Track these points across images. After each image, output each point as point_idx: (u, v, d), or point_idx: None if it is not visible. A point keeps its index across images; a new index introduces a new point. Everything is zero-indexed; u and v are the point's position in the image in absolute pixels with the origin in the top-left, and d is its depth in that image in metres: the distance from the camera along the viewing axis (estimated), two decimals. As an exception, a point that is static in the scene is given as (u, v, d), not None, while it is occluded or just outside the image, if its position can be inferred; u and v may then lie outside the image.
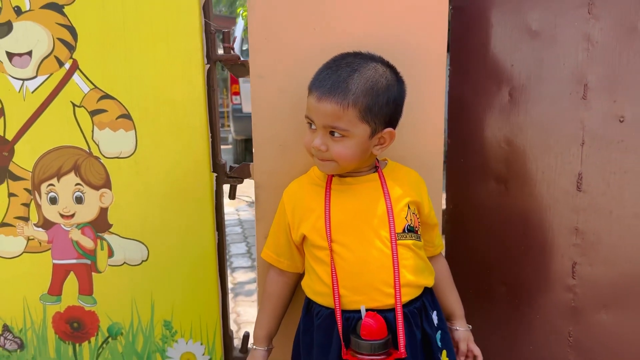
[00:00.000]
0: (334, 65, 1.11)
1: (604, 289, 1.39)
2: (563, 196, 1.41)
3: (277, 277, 1.27)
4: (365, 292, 1.11)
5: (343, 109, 1.05)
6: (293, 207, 1.20)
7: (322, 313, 1.15)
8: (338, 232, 1.13)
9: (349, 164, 1.12)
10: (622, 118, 1.31)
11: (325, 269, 1.13)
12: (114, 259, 1.49)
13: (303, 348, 1.20)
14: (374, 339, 1.04)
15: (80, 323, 1.53)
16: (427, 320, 1.17)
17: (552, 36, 1.36)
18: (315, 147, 1.09)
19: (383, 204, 1.14)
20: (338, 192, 1.17)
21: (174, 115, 1.41)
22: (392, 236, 1.12)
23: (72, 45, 1.38)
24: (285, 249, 1.24)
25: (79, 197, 1.45)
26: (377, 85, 1.08)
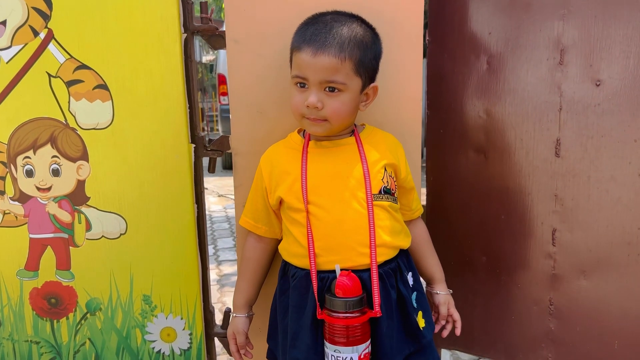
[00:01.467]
0: (321, 21, 1.10)
1: (583, 254, 1.39)
2: (542, 163, 1.41)
3: (255, 243, 1.26)
4: (340, 252, 1.10)
5: (341, 62, 1.06)
6: (270, 172, 1.20)
7: (298, 274, 1.14)
8: (314, 194, 1.13)
9: (342, 121, 1.12)
10: (598, 82, 1.31)
11: (301, 230, 1.13)
12: (92, 233, 1.47)
13: (279, 310, 1.20)
14: (347, 296, 1.04)
15: (58, 299, 1.51)
16: (402, 280, 1.16)
17: (528, 2, 1.36)
18: (311, 104, 1.07)
19: (359, 166, 1.14)
20: (315, 156, 1.16)
21: (151, 85, 1.40)
22: (368, 197, 1.11)
23: (47, 15, 1.37)
24: (263, 214, 1.23)
25: (55, 170, 1.44)
26: (365, 39, 1.10)
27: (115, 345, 1.53)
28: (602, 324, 1.40)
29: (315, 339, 1.09)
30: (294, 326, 1.13)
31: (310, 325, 1.09)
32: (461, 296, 1.54)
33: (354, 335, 1.03)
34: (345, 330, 1.03)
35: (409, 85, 1.34)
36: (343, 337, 1.03)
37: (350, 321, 1.03)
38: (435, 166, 1.58)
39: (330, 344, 1.04)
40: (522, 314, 1.50)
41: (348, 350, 1.03)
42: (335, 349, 1.03)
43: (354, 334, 1.03)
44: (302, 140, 1.19)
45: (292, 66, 1.12)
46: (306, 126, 1.15)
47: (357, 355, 1.03)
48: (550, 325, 1.46)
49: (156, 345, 1.53)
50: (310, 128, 1.14)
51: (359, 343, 1.04)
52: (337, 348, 1.03)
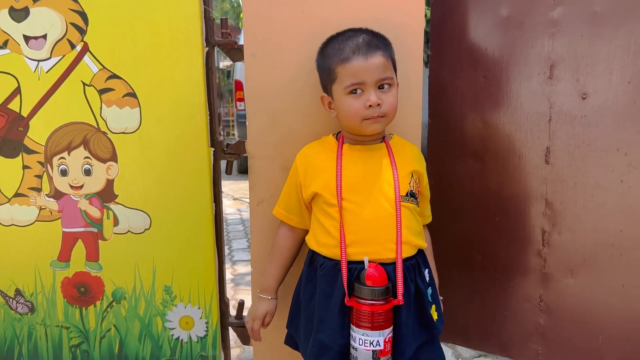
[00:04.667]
0: (348, 37, 1.25)
1: (571, 254, 1.50)
2: (533, 169, 1.52)
3: (287, 232, 1.38)
4: (369, 245, 1.22)
5: (386, 59, 1.22)
6: (305, 168, 1.32)
7: (326, 264, 1.25)
8: (348, 191, 1.25)
9: (394, 114, 1.27)
10: (584, 95, 1.43)
11: (333, 223, 1.24)
12: (119, 228, 1.61)
13: (304, 298, 1.31)
14: (376, 285, 1.16)
15: (87, 288, 1.65)
16: (420, 276, 1.28)
17: (520, 22, 1.49)
18: (374, 102, 1.20)
19: (390, 169, 1.26)
20: (349, 157, 1.29)
21: (176, 94, 1.54)
22: (397, 198, 1.24)
23: (84, 29, 1.51)
24: (296, 207, 1.35)
25: (87, 170, 1.58)
26: (385, 41, 1.27)
27: (137, 331, 1.66)
28: (587, 319, 1.50)
29: (342, 324, 1.20)
30: (321, 312, 1.24)
31: (338, 311, 1.21)
32: (458, 292, 1.66)
33: (379, 321, 1.15)
34: (371, 315, 1.14)
35: (410, 94, 1.46)
36: (369, 322, 1.15)
37: (376, 307, 1.15)
38: (436, 171, 1.69)
39: (358, 328, 1.16)
40: (514, 309, 1.61)
41: (375, 334, 1.15)
42: (363, 333, 1.15)
43: (379, 319, 1.15)
44: (337, 143, 1.31)
45: (340, 78, 1.23)
46: (366, 127, 1.25)
47: (383, 339, 1.15)
48: (540, 320, 1.57)
49: (175, 333, 1.66)
50: (370, 127, 1.25)
51: (384, 328, 1.15)
52: (365, 332, 1.15)
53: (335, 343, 1.20)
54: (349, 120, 1.26)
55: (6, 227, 1.61)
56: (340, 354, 1.20)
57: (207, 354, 1.67)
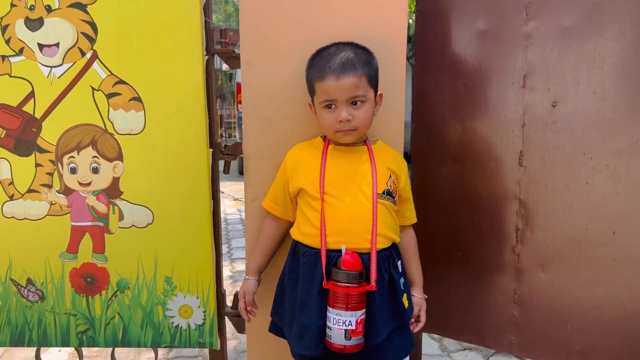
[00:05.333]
0: (330, 53, 1.37)
1: (542, 251, 1.62)
2: (508, 171, 1.64)
3: (272, 222, 1.54)
4: (346, 235, 1.35)
5: (359, 79, 1.33)
6: (293, 165, 1.46)
7: (308, 252, 1.39)
8: (330, 187, 1.38)
9: (366, 127, 1.40)
10: (554, 103, 1.55)
11: (316, 215, 1.38)
12: (124, 222, 1.73)
13: (288, 286, 1.44)
14: (351, 270, 1.28)
15: (94, 278, 1.77)
16: (393, 266, 1.41)
17: (497, 35, 1.61)
18: (344, 119, 1.34)
19: (369, 169, 1.40)
20: (333, 157, 1.42)
21: (178, 98, 1.66)
22: (374, 194, 1.37)
23: (93, 38, 1.64)
24: (281, 199, 1.49)
25: (95, 168, 1.70)
26: (367, 57, 1.38)
27: (140, 319, 1.79)
28: (556, 311, 1.62)
29: (320, 307, 1.33)
30: (303, 296, 1.37)
31: (317, 294, 1.34)
32: (439, 285, 1.78)
33: (352, 302, 1.28)
34: (346, 297, 1.27)
35: (393, 101, 1.58)
36: (343, 304, 1.28)
37: (350, 290, 1.28)
38: (419, 173, 1.82)
39: (333, 309, 1.29)
40: (490, 302, 1.73)
41: (348, 315, 1.28)
42: (337, 313, 1.28)
43: (353, 301, 1.28)
44: (323, 144, 1.45)
45: (317, 93, 1.37)
46: (339, 138, 1.40)
47: (355, 320, 1.28)
48: (514, 312, 1.69)
49: (175, 320, 1.78)
50: (343, 139, 1.39)
51: (356, 309, 1.28)
52: (339, 312, 1.28)
53: (314, 324, 1.32)
54: (325, 130, 1.41)
55: (19, 220, 1.74)
56: (318, 334, 1.33)
57: (204, 340, 1.79)
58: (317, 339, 1.34)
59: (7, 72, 1.66)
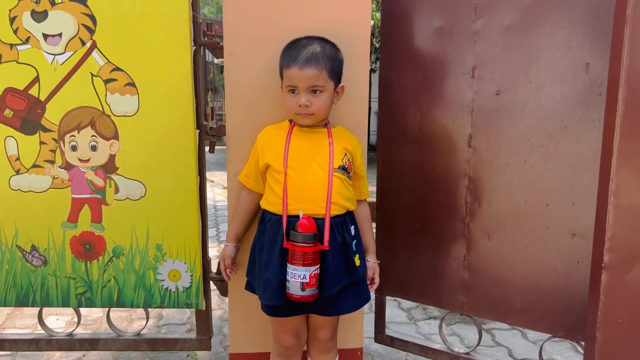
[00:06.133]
0: (300, 45, 1.58)
1: (487, 221, 1.85)
2: (459, 152, 1.87)
3: (246, 194, 1.76)
4: (305, 203, 1.57)
5: (320, 71, 1.54)
6: (262, 144, 1.68)
7: (272, 218, 1.61)
8: (292, 162, 1.60)
9: (324, 113, 1.61)
10: (498, 92, 1.77)
11: (279, 186, 1.59)
12: (119, 195, 1.94)
13: (258, 248, 1.66)
14: (306, 232, 1.50)
15: (92, 245, 1.97)
16: (346, 230, 1.63)
17: (450, 31, 1.83)
18: (302, 104, 1.55)
19: (327, 147, 1.61)
20: (296, 137, 1.64)
21: (168, 84, 1.86)
22: (330, 168, 1.59)
23: (93, 30, 1.84)
24: (253, 173, 1.71)
25: (93, 146, 1.90)
26: (332, 53, 1.59)
27: (133, 282, 2.00)
28: (500, 274, 1.85)
29: (281, 263, 1.55)
30: (267, 255, 1.59)
31: (279, 254, 1.56)
32: (401, 254, 2.01)
33: (307, 259, 1.50)
34: (302, 255, 1.49)
35: (359, 89, 1.80)
36: (300, 260, 1.50)
37: (305, 249, 1.49)
38: (383, 154, 2.04)
39: (291, 265, 1.51)
40: (444, 267, 1.96)
41: (303, 270, 1.50)
42: (294, 268, 1.50)
43: (308, 258, 1.50)
44: (289, 126, 1.66)
45: (284, 79, 1.59)
46: (299, 120, 1.61)
47: (309, 274, 1.50)
48: (464, 276, 1.92)
49: (165, 284, 2.00)
50: (301, 121, 1.61)
51: (310, 265, 1.50)
52: (296, 267, 1.50)
53: (276, 278, 1.55)
54: (287, 111, 1.62)
55: (25, 193, 1.94)
56: (279, 287, 1.55)
57: (191, 301, 2.01)
58: (278, 290, 1.56)
59: (14, 59, 1.86)
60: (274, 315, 1.62)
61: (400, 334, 2.16)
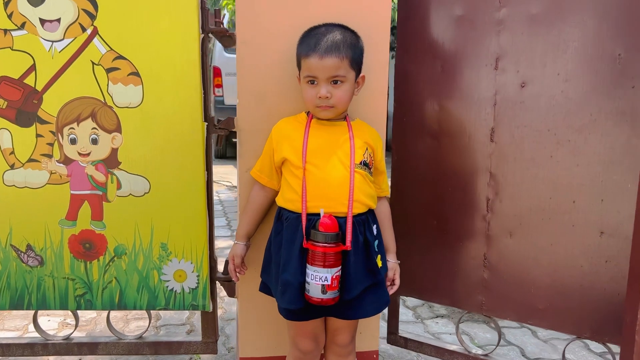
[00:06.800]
0: (319, 33, 1.49)
1: (510, 218, 1.78)
2: (480, 146, 1.79)
3: (259, 190, 1.66)
4: (325, 200, 1.48)
5: (341, 60, 1.45)
6: (278, 137, 1.58)
7: (290, 217, 1.51)
8: (311, 156, 1.51)
9: (344, 105, 1.52)
10: (523, 84, 1.70)
11: (298, 182, 1.50)
12: (122, 191, 1.83)
13: (274, 247, 1.57)
14: (327, 231, 1.41)
15: (92, 244, 1.86)
16: (368, 230, 1.54)
17: (472, 20, 1.75)
18: (322, 95, 1.46)
19: (348, 142, 1.53)
20: (315, 130, 1.55)
21: (174, 74, 1.76)
22: (351, 164, 1.50)
23: (94, 15, 1.72)
24: (267, 168, 1.62)
25: (94, 139, 1.79)
26: (353, 41, 1.50)
27: (136, 283, 1.89)
28: (522, 274, 1.78)
29: (301, 264, 1.46)
30: (285, 256, 1.50)
31: (298, 254, 1.47)
32: (416, 252, 1.93)
33: (328, 260, 1.41)
34: (324, 256, 1.40)
35: (377, 81, 1.72)
36: (321, 261, 1.41)
37: (327, 249, 1.40)
38: (399, 148, 1.96)
39: (311, 266, 1.42)
40: (463, 266, 1.89)
41: (324, 271, 1.41)
42: (315, 270, 1.41)
43: (329, 259, 1.41)
44: (307, 118, 1.57)
45: (302, 69, 1.50)
46: (318, 113, 1.52)
47: (330, 276, 1.41)
48: (484, 275, 1.85)
49: (170, 284, 1.90)
50: (321, 114, 1.52)
51: (332, 267, 1.41)
52: (317, 269, 1.41)
53: (295, 280, 1.46)
54: (306, 103, 1.54)
55: (20, 188, 1.82)
56: (299, 289, 1.46)
57: (197, 303, 1.91)
58: (298, 293, 1.47)
59: (9, 46, 1.73)
60: (292, 319, 1.53)
61: (413, 335, 2.08)
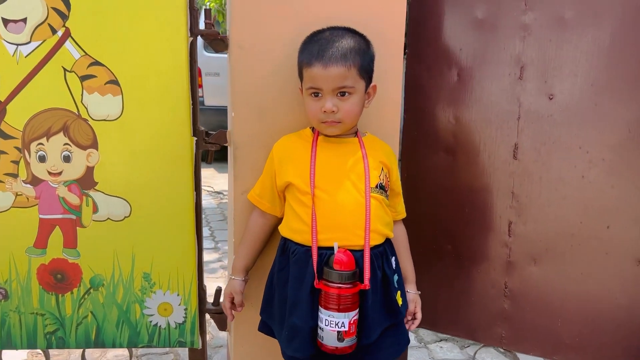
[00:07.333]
0: (323, 38, 1.30)
1: (535, 244, 1.61)
2: (501, 164, 1.62)
3: (258, 217, 1.45)
4: (339, 232, 1.28)
5: (348, 69, 1.26)
6: (280, 158, 1.38)
7: (298, 250, 1.31)
8: (320, 180, 1.31)
9: (353, 120, 1.33)
10: (551, 96, 1.53)
11: (306, 210, 1.30)
12: (98, 215, 1.61)
13: (278, 284, 1.37)
14: (343, 270, 1.22)
15: (64, 275, 1.64)
16: (387, 263, 1.35)
17: (494, 24, 1.58)
18: (328, 109, 1.27)
19: (361, 162, 1.34)
20: (323, 149, 1.35)
21: (159, 82, 1.55)
22: (367, 188, 1.31)
23: (65, 14, 1.50)
24: (268, 192, 1.41)
25: (67, 156, 1.57)
26: (362, 47, 1.31)
27: (115, 318, 1.67)
28: (548, 304, 1.62)
29: (312, 307, 1.26)
30: (293, 296, 1.30)
31: (308, 294, 1.27)
32: (428, 279, 1.75)
33: (345, 304, 1.21)
34: (338, 298, 1.21)
35: (390, 90, 1.53)
36: (336, 305, 1.21)
37: (343, 291, 1.21)
38: (409, 163, 1.78)
39: (325, 309, 1.22)
40: (480, 295, 1.71)
41: (341, 316, 1.21)
42: (329, 314, 1.21)
43: (345, 302, 1.21)
44: (312, 135, 1.37)
45: (305, 79, 1.30)
46: (323, 129, 1.33)
47: (348, 321, 1.22)
48: (504, 305, 1.68)
49: (154, 319, 1.68)
50: (327, 130, 1.33)
51: (349, 310, 1.22)
52: (331, 313, 1.21)
53: (306, 324, 1.26)
54: (310, 118, 1.34)
55: (-20, 213, 1.59)
56: (310, 335, 1.27)
57: (185, 339, 1.70)
58: (308, 340, 1.28)
59: (-35, 49, 1.50)
60: (300, 369, 1.33)
61: (422, 367, 1.90)
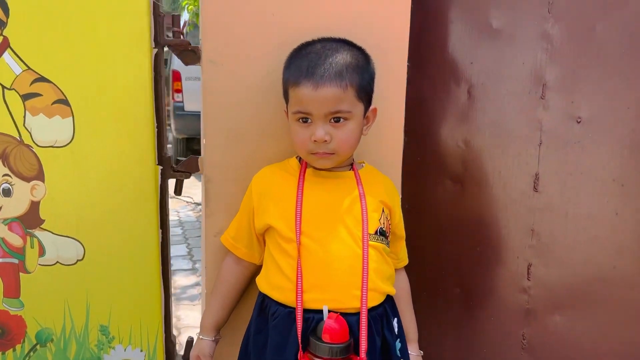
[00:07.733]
0: (313, 52, 1.07)
1: (559, 290, 1.39)
2: (519, 197, 1.40)
3: (233, 264, 1.21)
4: (330, 292, 1.05)
5: (343, 90, 1.03)
6: (260, 193, 1.14)
7: (279, 312, 1.07)
8: (308, 225, 1.08)
9: (349, 151, 1.10)
10: (579, 119, 1.31)
11: (290, 262, 1.07)
12: (46, 258, 1.36)
13: (254, 350, 1.13)
14: (334, 342, 0.98)
15: (5, 329, 1.39)
16: (388, 327, 1.12)
17: (512, 34, 1.35)
18: (319, 139, 1.04)
19: (358, 202, 1.10)
20: (312, 184, 1.12)
21: (118, 102, 1.31)
22: (364, 236, 1.08)
23: (3, 21, 1.26)
24: (245, 235, 1.18)
25: (6, 190, 1.32)
26: (360, 62, 1.08)
27: (67, 378, 1.42)
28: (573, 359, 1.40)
29: None
30: None
31: None
32: (433, 327, 1.52)
33: None
34: None
35: (391, 113, 1.31)
36: None
37: None
38: (411, 193, 1.53)
39: None
40: (494, 347, 1.49)
41: None
42: None
43: None
44: (299, 166, 1.14)
45: (291, 102, 1.07)
46: (313, 161, 1.10)
47: None
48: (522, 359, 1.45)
49: (113, 379, 1.43)
50: (317, 163, 1.10)
51: None
52: None
53: None
54: (297, 148, 1.11)
55: None
56: None
57: (150, 402, 1.45)
58: None
59: None
60: None
61: None
